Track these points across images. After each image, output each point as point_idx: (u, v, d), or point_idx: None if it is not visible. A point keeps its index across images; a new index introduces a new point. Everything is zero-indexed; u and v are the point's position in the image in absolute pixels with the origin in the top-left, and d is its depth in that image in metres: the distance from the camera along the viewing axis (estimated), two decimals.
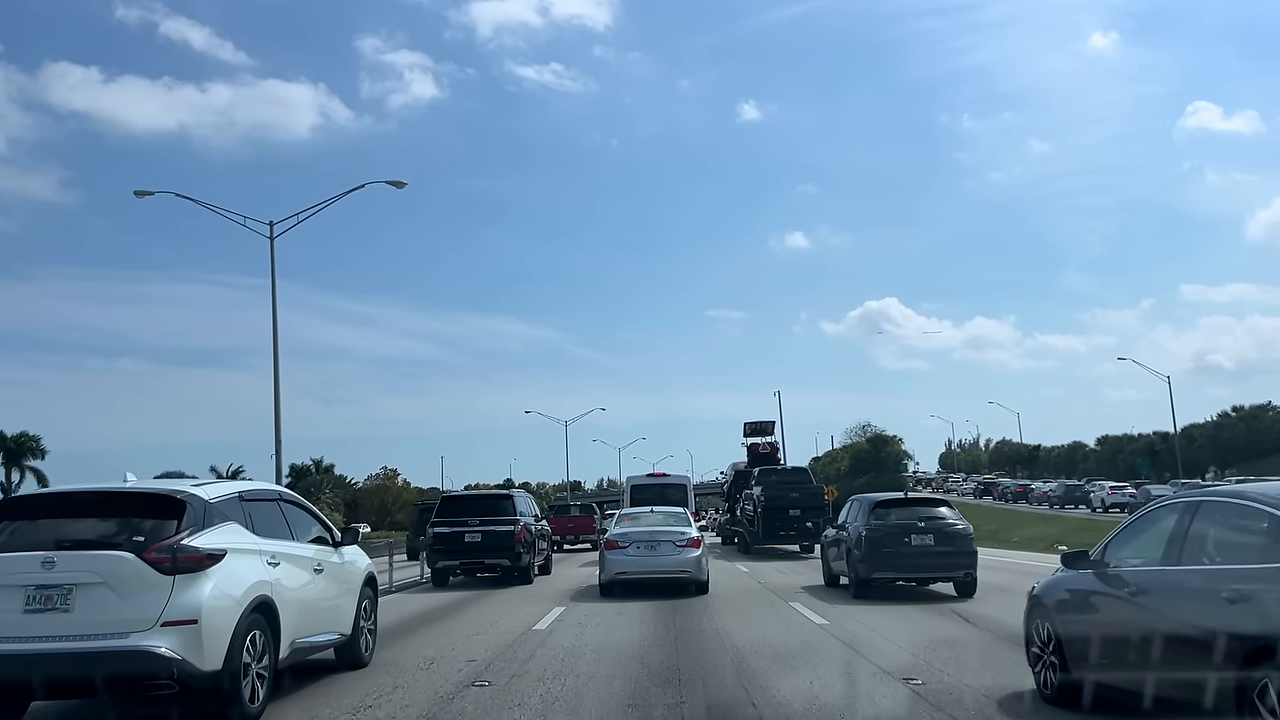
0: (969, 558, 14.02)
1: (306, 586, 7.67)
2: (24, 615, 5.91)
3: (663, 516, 16.67)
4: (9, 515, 6.55)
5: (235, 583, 6.51)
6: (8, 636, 5.88)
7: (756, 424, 45.29)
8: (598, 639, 10.40)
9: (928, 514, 14.47)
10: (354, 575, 8.88)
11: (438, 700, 7.21)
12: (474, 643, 10.36)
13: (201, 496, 6.70)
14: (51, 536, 6.24)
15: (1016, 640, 7.72)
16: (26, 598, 5.94)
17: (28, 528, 6.37)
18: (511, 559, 18.47)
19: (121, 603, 5.95)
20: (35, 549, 6.14)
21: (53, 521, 6.44)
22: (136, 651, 5.87)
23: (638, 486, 31.37)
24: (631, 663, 8.66)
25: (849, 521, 15.01)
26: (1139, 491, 45.47)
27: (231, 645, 6.31)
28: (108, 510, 6.51)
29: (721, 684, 7.79)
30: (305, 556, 7.82)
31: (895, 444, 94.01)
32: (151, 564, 6.07)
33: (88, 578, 5.97)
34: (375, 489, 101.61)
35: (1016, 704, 6.74)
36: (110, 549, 6.11)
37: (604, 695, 7.35)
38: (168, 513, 6.43)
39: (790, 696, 7.09)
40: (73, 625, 5.90)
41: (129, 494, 6.70)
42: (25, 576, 5.96)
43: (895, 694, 7.15)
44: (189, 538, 6.32)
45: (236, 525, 6.89)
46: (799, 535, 28.37)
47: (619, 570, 15.17)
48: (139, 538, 6.19)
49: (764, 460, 38.16)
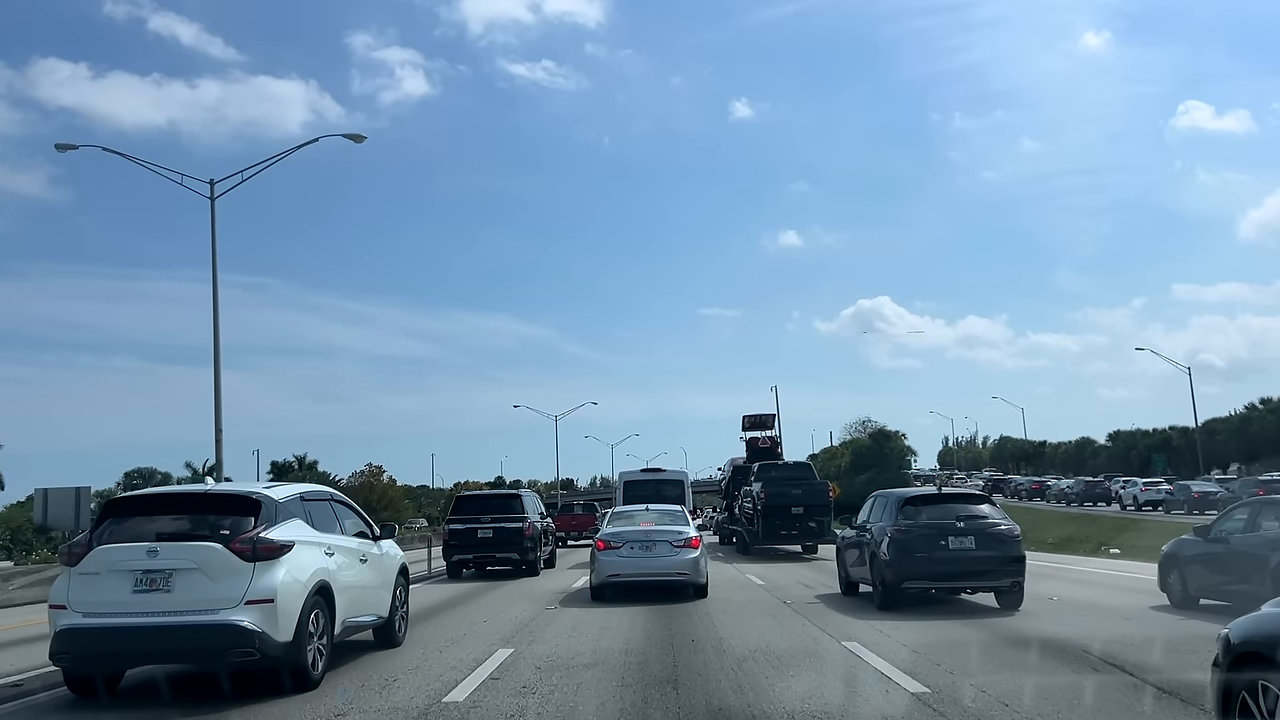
0: (1016, 564, 12.31)
1: (354, 574, 8.93)
2: (133, 594, 7.16)
3: (658, 515, 15.99)
4: (113, 513, 7.81)
5: (301, 569, 7.76)
6: (120, 612, 7.12)
7: (756, 417, 42.69)
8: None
9: (967, 512, 12.78)
10: (391, 565, 10.13)
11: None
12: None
13: (273, 497, 7.96)
14: (153, 530, 7.47)
15: (1110, 667, 7.76)
16: (135, 580, 7.19)
17: (131, 523, 7.61)
18: (520, 553, 20.10)
19: (212, 584, 7.21)
20: (139, 541, 7.33)
21: (152, 518, 7.65)
22: (226, 625, 7.11)
23: (631, 483, 29.42)
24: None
25: (871, 521, 13.59)
26: (1175, 488, 44.65)
27: (300, 621, 7.56)
28: (198, 508, 7.79)
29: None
30: (353, 548, 9.06)
31: (898, 440, 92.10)
32: (236, 553, 7.31)
33: (185, 564, 7.22)
34: (360, 487, 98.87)
35: None
36: (203, 540, 7.37)
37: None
38: (246, 510, 7.68)
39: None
40: (173, 603, 7.15)
41: (215, 495, 7.95)
42: (134, 563, 7.22)
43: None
44: (265, 531, 7.59)
45: (299, 521, 8.15)
46: (801, 535, 27.10)
47: (611, 572, 14.40)
48: (225, 531, 7.44)
49: (764, 455, 36.47)
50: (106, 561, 7.32)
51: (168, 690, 7.61)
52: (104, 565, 7.31)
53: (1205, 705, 5.80)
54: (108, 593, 7.24)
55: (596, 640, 10.25)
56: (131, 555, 7.31)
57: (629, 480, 30.02)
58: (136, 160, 25.94)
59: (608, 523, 16.14)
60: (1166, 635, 9.76)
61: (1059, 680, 7.62)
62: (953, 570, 12.28)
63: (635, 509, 17.11)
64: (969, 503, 13.52)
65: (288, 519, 8.04)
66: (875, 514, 13.68)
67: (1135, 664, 8.05)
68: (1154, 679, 7.29)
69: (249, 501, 7.84)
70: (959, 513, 12.75)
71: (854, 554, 14.30)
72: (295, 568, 7.75)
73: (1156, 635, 9.76)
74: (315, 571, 8.03)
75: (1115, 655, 8.48)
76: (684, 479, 30.71)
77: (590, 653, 9.38)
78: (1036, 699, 6.74)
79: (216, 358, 24.61)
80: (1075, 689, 7.20)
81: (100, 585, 7.28)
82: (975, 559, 12.20)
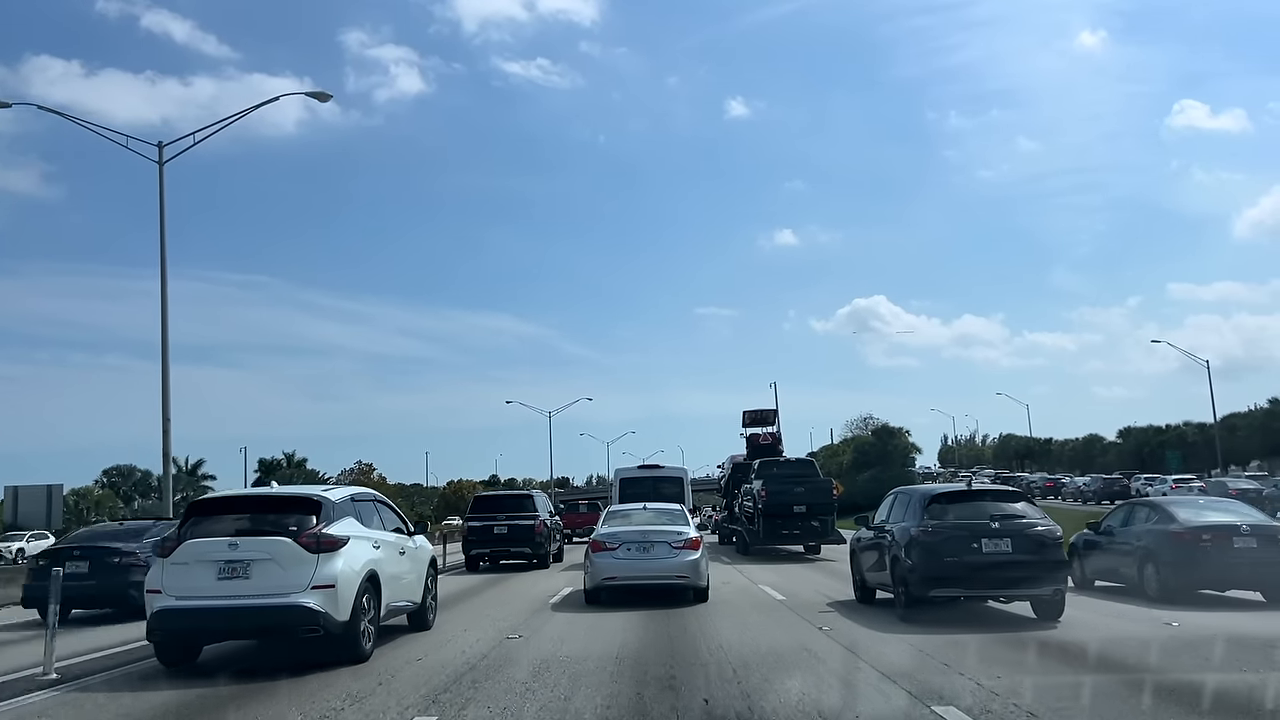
0: (1058, 569, 11.44)
1: (395, 564, 10.39)
2: (217, 581, 8.61)
3: (656, 514, 15.45)
4: (196, 513, 9.25)
5: (355, 559, 9.22)
6: (207, 596, 8.56)
7: (756, 413, 41.07)
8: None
9: (1001, 511, 11.69)
10: (423, 558, 11.60)
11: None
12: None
13: (330, 498, 9.41)
14: (231, 527, 8.86)
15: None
16: (219, 569, 8.63)
17: (212, 521, 9.02)
18: (532, 548, 21.96)
19: (283, 572, 8.65)
20: (221, 536, 8.72)
21: (230, 516, 9.07)
22: (296, 606, 8.55)
23: (628, 480, 28.61)
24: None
25: (891, 521, 12.66)
26: (1209, 485, 43.07)
27: (355, 604, 9.04)
28: (269, 508, 9.26)
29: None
30: (393, 542, 10.52)
31: (902, 436, 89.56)
32: (303, 546, 8.77)
33: (260, 555, 8.66)
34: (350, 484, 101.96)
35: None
36: (275, 535, 8.78)
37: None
38: (309, 510, 9.12)
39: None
40: (251, 588, 8.60)
41: (283, 497, 9.38)
42: (217, 555, 8.68)
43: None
44: (325, 527, 9.05)
45: (351, 519, 9.60)
46: (804, 535, 26.19)
47: (607, 575, 14.04)
48: (293, 527, 8.90)
49: (765, 452, 35.02)
50: (194, 553, 8.74)
51: (240, 662, 9.00)
52: (192, 556, 8.74)
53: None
54: (196, 579, 8.67)
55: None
56: (215, 548, 8.73)
57: (625, 477, 29.20)
58: (76, 120, 25.37)
59: (603, 522, 15.66)
60: None
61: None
62: (986, 576, 11.16)
63: (632, 508, 16.59)
64: (1003, 500, 12.31)
65: (342, 517, 9.46)
66: (896, 513, 12.71)
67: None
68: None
69: (311, 502, 9.26)
70: (993, 512, 11.62)
71: (871, 557, 13.24)
72: (350, 558, 9.17)
73: None
74: (366, 562, 9.46)
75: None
76: (683, 476, 30.09)
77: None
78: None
79: (164, 340, 23.74)
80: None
81: (189, 573, 8.70)
82: (1013, 564, 11.10)
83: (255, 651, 9.83)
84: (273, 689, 7.91)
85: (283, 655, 9.22)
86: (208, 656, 9.54)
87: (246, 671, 8.73)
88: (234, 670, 8.82)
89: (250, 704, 7.41)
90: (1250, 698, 6.95)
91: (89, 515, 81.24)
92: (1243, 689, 7.28)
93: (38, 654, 9.28)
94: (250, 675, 8.57)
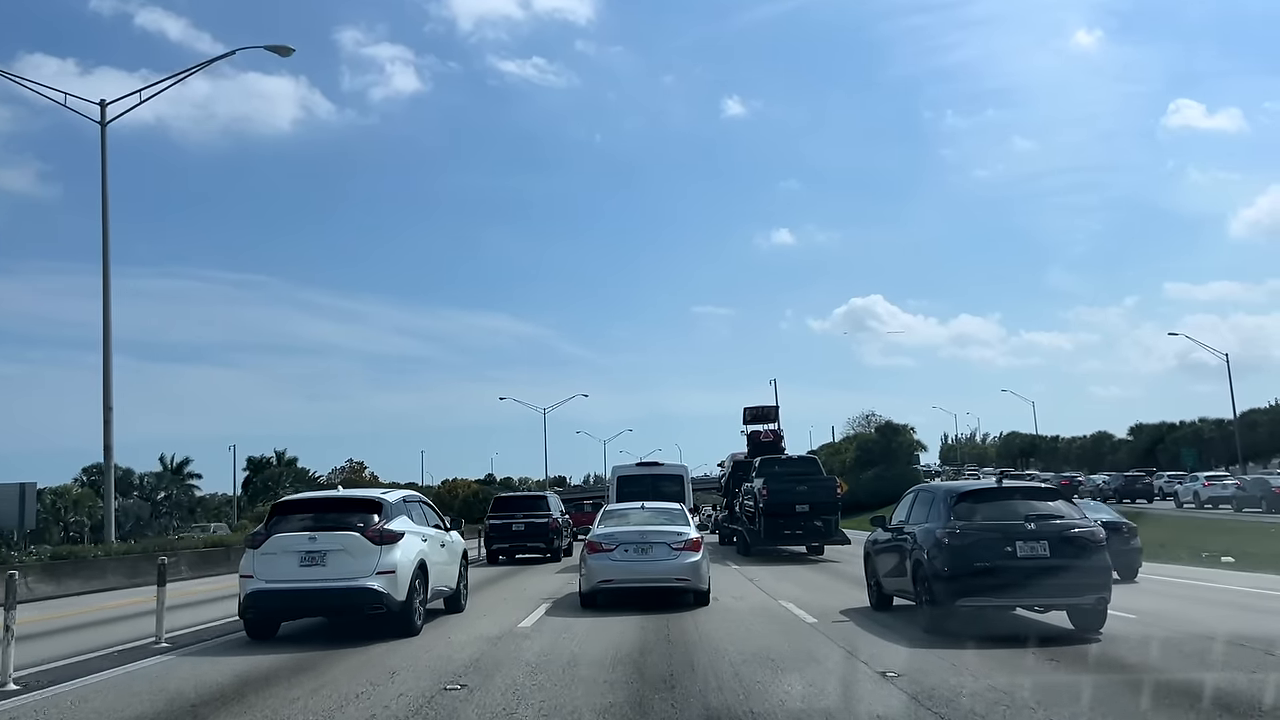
0: (1101, 576, 10.44)
1: (438, 555, 12.44)
2: (299, 568, 10.62)
3: (655, 514, 15.25)
4: (280, 512, 11.24)
5: (409, 550, 11.23)
6: (291, 580, 10.53)
7: (758, 409, 40.38)
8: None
9: (1037, 510, 10.78)
10: (458, 550, 13.66)
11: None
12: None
13: (388, 500, 11.41)
14: (310, 523, 10.80)
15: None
16: (300, 558, 10.63)
17: (293, 518, 10.97)
18: (546, 543, 24.51)
19: (353, 560, 10.63)
20: (301, 531, 10.63)
21: (308, 514, 11.03)
22: (364, 589, 10.57)
23: (626, 478, 28.07)
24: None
25: (912, 521, 11.96)
26: (1247, 482, 42.55)
27: (410, 586, 11.07)
28: (340, 508, 11.25)
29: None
30: (435, 536, 12.57)
31: (907, 433, 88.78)
32: (369, 539, 10.73)
33: (334, 546, 10.64)
34: (341, 483, 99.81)
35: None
36: (346, 530, 10.72)
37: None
38: (373, 509, 11.09)
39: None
40: (327, 574, 10.62)
41: (351, 499, 11.33)
42: (299, 546, 10.71)
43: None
44: (386, 524, 11.02)
45: (405, 517, 11.63)
46: (807, 535, 25.78)
47: (603, 578, 13.88)
48: (360, 523, 10.83)
49: (766, 450, 34.22)
50: (280, 545, 10.73)
51: (311, 636, 10.93)
52: (278, 548, 10.73)
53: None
54: (281, 567, 10.66)
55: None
56: (297, 541, 10.72)
57: (623, 475, 28.75)
58: (8, 76, 25.73)
59: (599, 522, 15.36)
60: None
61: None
62: (1021, 583, 10.27)
63: (630, 507, 16.26)
64: (1038, 499, 11.37)
65: (398, 515, 11.44)
66: (917, 512, 11.97)
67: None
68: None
69: (375, 503, 11.26)
70: (1028, 511, 10.73)
71: (889, 561, 12.55)
72: (406, 549, 11.16)
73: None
74: (417, 552, 11.47)
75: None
76: (684, 474, 29.74)
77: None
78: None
79: (106, 320, 22.75)
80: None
81: (276, 561, 10.68)
82: (1050, 569, 10.24)
83: (324, 628, 11.73)
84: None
85: (345, 631, 11.14)
86: (284, 631, 11.45)
87: (316, 643, 10.73)
88: (306, 642, 10.84)
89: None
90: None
91: (66, 514, 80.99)
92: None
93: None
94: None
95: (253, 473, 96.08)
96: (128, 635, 11.64)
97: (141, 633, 11.38)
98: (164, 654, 10.24)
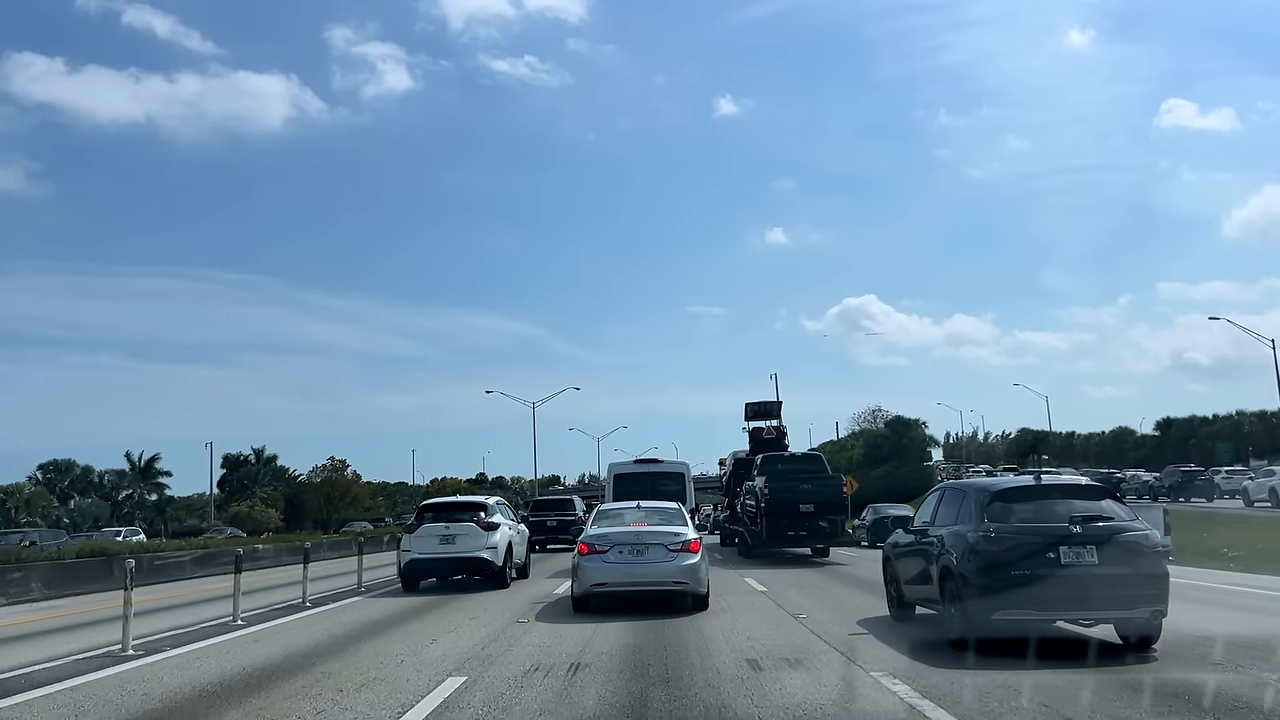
0: (1158, 585, 9.37)
1: (516, 539, 20.12)
2: (439, 545, 18.12)
3: (651, 513, 15.27)
4: (425, 510, 18.12)
5: (503, 534, 18.79)
6: (433, 553, 17.86)
7: (760, 404, 39.39)
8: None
9: (1083, 511, 9.68)
10: (525, 535, 20.99)
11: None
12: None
13: (489, 502, 18.68)
14: (444, 516, 17.57)
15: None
16: (439, 539, 18.14)
17: (433, 513, 17.76)
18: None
19: (472, 540, 18.17)
20: (439, 522, 17.41)
21: (442, 511, 17.89)
22: (479, 558, 18.30)
23: (622, 476, 27.42)
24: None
25: (938, 522, 11.17)
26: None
27: (504, 557, 18.30)
28: (463, 507, 18.43)
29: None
30: (514, 526, 19.56)
31: (919, 428, 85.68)
32: (480, 526, 17.97)
33: (460, 532, 17.89)
34: (321, 482, 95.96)
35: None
36: (466, 521, 17.80)
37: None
38: (480, 508, 18.39)
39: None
40: (456, 549, 18.34)
41: (469, 501, 18.42)
42: (438, 531, 18.32)
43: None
44: (489, 517, 18.16)
45: (499, 513, 18.49)
46: (811, 536, 25.17)
47: (596, 581, 13.73)
48: (475, 516, 17.74)
49: (769, 447, 33.66)
50: (426, 531, 18.17)
51: (437, 588, 17.65)
52: (425, 533, 18.10)
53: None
54: (427, 545, 17.93)
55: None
56: (436, 529, 17.98)
57: (620, 473, 27.96)
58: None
59: (592, 523, 15.50)
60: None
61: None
62: (1066, 593, 9.28)
63: (625, 507, 16.28)
64: (1082, 497, 10.26)
65: (495, 512, 18.26)
66: (944, 513, 11.16)
67: None
68: None
69: (482, 505, 18.75)
70: (1071, 512, 9.66)
71: (913, 566, 11.75)
72: (501, 534, 18.52)
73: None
74: (506, 536, 18.88)
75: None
76: (685, 472, 28.41)
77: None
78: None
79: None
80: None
81: (422, 541, 18.00)
82: (1099, 578, 9.23)
83: (451, 585, 18.45)
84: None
85: (463, 586, 17.91)
86: (423, 586, 18.29)
87: (440, 592, 17.86)
88: (434, 591, 18.05)
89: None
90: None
91: (17, 514, 79.54)
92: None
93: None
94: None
95: (229, 471, 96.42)
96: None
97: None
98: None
